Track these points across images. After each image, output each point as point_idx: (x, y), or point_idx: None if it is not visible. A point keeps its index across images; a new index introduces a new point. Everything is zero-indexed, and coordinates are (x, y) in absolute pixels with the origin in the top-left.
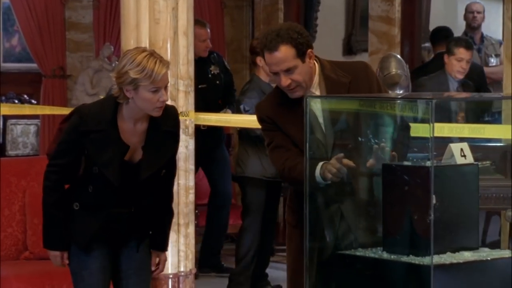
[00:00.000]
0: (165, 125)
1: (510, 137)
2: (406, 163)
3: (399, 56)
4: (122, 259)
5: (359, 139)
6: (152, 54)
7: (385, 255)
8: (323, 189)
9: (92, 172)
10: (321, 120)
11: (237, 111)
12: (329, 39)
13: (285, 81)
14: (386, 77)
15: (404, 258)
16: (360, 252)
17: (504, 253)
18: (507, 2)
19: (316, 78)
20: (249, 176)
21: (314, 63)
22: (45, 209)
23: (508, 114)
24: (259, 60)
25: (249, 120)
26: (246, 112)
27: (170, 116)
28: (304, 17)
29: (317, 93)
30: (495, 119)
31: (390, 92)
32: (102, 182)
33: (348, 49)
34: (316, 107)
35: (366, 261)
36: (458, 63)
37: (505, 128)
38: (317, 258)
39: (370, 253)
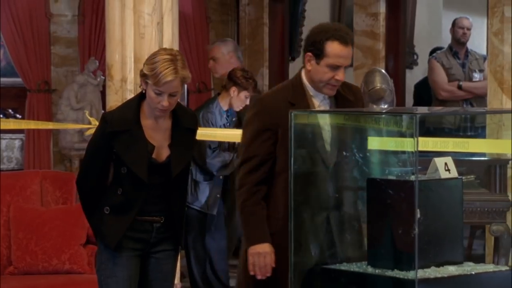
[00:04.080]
0: (186, 122)
1: (494, 152)
2: (390, 177)
3: (383, 71)
4: (149, 270)
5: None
6: (173, 60)
7: (370, 270)
8: (307, 202)
9: (121, 173)
10: (327, 136)
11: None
12: None
13: (342, 76)
14: (371, 92)
15: (389, 273)
16: (345, 267)
17: (488, 267)
18: (491, 17)
19: None
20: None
21: None
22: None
23: (493, 128)
24: (233, 90)
25: (235, 135)
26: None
27: (189, 113)
28: (289, 32)
29: (327, 101)
30: (479, 133)
31: (375, 106)
32: (131, 182)
33: None
34: (324, 121)
35: (351, 275)
36: None
37: (489, 143)
38: (302, 272)
39: (355, 267)
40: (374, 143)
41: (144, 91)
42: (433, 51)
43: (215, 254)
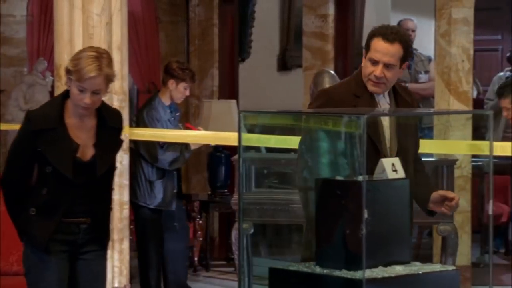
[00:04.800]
0: (111, 121)
1: (441, 152)
2: (338, 177)
3: (332, 72)
4: (79, 271)
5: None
6: (98, 57)
7: (318, 270)
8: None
9: (45, 172)
10: (387, 133)
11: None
12: (264, 54)
13: (380, 72)
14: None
15: (337, 273)
16: (293, 267)
17: (435, 267)
18: (438, 19)
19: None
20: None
21: None
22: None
23: (440, 129)
24: (171, 83)
25: (186, 136)
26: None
27: (114, 112)
28: (239, 33)
29: (387, 99)
30: (426, 134)
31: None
32: (57, 182)
33: (283, 64)
34: (384, 118)
35: (299, 275)
36: None
37: (436, 143)
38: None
39: (303, 267)
40: (323, 143)
41: (69, 88)
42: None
43: (173, 254)
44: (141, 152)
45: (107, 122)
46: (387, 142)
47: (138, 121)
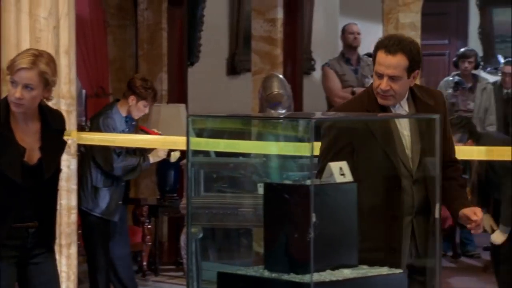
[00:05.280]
0: (55, 124)
1: None
2: (286, 181)
3: (281, 76)
4: (31, 277)
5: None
6: (37, 55)
7: (266, 274)
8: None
9: None
10: (406, 133)
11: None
12: (213, 58)
13: (385, 86)
14: (269, 97)
15: (285, 277)
16: (241, 271)
17: (383, 270)
18: (386, 23)
19: (407, 94)
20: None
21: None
22: None
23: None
24: (132, 99)
25: (135, 140)
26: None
27: (57, 115)
28: (188, 37)
29: (405, 108)
30: None
31: (272, 111)
32: (4, 186)
33: (232, 68)
34: (403, 121)
35: (248, 280)
36: None
37: None
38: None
39: (251, 271)
40: (272, 147)
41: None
42: None
43: (119, 261)
44: (97, 159)
45: (51, 125)
46: (407, 148)
47: (92, 127)
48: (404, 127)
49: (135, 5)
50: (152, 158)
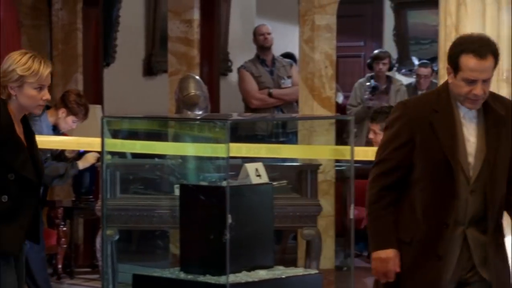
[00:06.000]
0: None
1: (305, 157)
2: (202, 183)
3: (197, 77)
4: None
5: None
6: (36, 56)
7: (182, 275)
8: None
9: (7, 180)
10: (472, 139)
11: None
12: (129, 59)
13: (480, 90)
14: (185, 98)
15: (201, 278)
16: (157, 273)
17: (298, 271)
18: (302, 25)
19: None
20: None
21: None
22: None
23: (304, 134)
24: (62, 112)
25: (49, 141)
26: None
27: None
28: (104, 37)
29: (473, 112)
30: (290, 139)
31: (189, 113)
32: (19, 188)
33: (148, 69)
34: (471, 126)
35: (163, 281)
36: None
37: (300, 148)
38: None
39: (167, 273)
40: (189, 149)
41: (8, 98)
42: None
43: (35, 264)
44: None
45: (29, 125)
46: (470, 155)
47: None
48: (470, 133)
49: (50, 5)
50: (81, 164)
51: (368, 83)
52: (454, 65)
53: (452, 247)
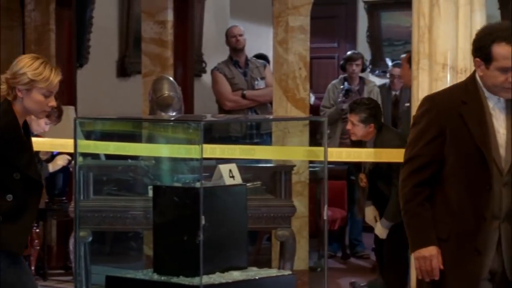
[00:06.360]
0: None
1: (279, 158)
2: (176, 184)
3: (171, 78)
4: None
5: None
6: (47, 62)
7: (156, 277)
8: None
9: (12, 179)
10: (502, 130)
11: None
12: (102, 60)
13: None
14: (159, 99)
15: (174, 280)
16: (130, 274)
17: (272, 272)
18: (276, 26)
19: None
20: None
21: None
22: None
23: (278, 135)
24: None
25: None
26: None
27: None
28: (77, 39)
29: (502, 104)
30: (264, 140)
31: (163, 114)
32: (24, 187)
33: (122, 70)
34: (500, 117)
35: (137, 283)
36: None
37: (274, 149)
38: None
39: (140, 275)
40: (163, 150)
41: (14, 99)
42: None
43: None
44: None
45: (28, 127)
46: (501, 147)
47: None
48: (500, 124)
49: (22, 6)
50: (52, 167)
51: (342, 86)
52: (485, 56)
53: (490, 241)
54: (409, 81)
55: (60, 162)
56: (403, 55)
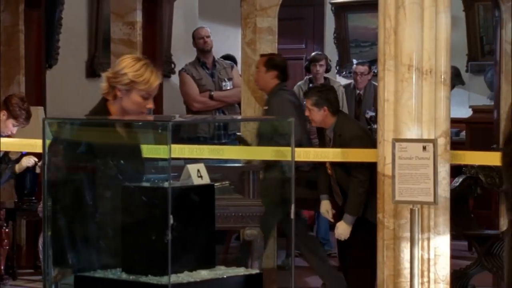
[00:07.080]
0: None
1: (247, 158)
2: (144, 184)
3: None
4: None
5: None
6: (149, 64)
7: (124, 276)
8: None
9: None
10: None
11: None
12: (72, 61)
13: None
14: None
15: (143, 279)
16: (99, 274)
17: (239, 270)
18: (244, 27)
19: None
20: None
21: None
22: None
23: (246, 136)
24: (3, 114)
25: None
26: None
27: None
28: (46, 39)
29: None
30: (232, 141)
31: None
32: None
33: (92, 71)
34: None
35: (105, 282)
36: None
37: (243, 149)
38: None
39: (109, 274)
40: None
41: (113, 99)
42: None
43: None
44: None
45: None
46: None
47: None
48: None
49: None
50: (18, 168)
51: (307, 87)
52: None
53: None
54: (263, 84)
55: (25, 163)
56: (259, 59)
